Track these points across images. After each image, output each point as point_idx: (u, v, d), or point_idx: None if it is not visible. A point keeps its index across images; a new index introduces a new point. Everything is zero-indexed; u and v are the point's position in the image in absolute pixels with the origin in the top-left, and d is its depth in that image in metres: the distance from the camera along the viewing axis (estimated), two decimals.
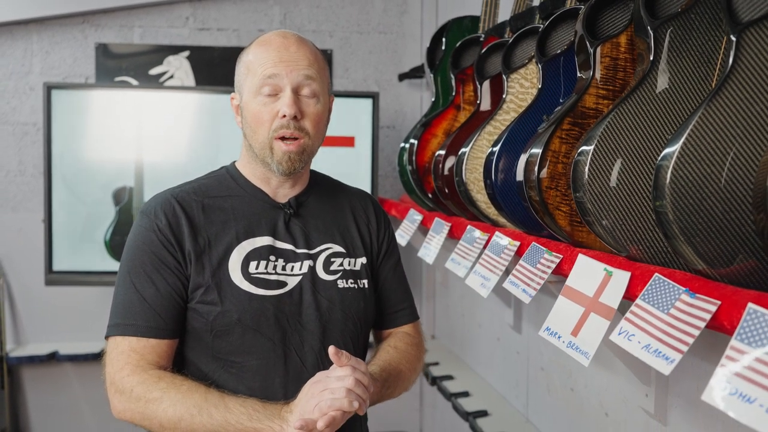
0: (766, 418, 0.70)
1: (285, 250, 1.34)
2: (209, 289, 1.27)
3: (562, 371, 1.98)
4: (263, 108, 1.29)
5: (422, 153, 2.03)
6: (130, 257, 1.30)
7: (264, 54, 1.30)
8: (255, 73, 1.30)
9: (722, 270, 0.90)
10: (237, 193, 1.37)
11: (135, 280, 1.27)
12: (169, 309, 1.27)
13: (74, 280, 2.87)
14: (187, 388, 1.21)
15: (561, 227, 1.26)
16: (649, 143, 1.07)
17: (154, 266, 1.27)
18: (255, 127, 1.31)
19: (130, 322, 1.26)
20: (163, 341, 1.27)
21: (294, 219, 1.37)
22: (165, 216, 1.29)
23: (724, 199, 0.88)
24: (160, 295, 1.26)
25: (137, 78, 3.17)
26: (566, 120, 1.23)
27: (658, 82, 1.08)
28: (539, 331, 1.19)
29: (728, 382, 0.76)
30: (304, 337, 1.31)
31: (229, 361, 1.29)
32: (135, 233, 1.32)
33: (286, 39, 1.31)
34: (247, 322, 1.27)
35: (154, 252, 1.28)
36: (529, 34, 1.61)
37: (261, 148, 1.31)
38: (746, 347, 0.76)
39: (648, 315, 0.94)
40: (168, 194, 1.35)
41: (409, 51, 3.35)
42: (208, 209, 1.33)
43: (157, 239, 1.28)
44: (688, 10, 1.05)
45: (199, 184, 1.39)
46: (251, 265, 1.30)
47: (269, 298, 1.29)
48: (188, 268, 1.28)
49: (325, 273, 1.36)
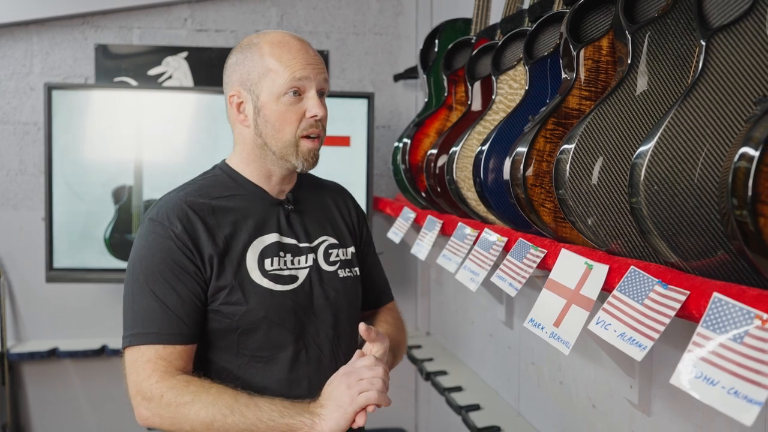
0: (726, 399, 0.75)
1: (290, 244, 1.39)
2: (233, 290, 1.30)
3: (552, 365, 2.03)
4: (290, 108, 1.32)
5: (415, 152, 2.08)
6: (146, 265, 1.29)
7: (289, 55, 1.32)
8: (279, 74, 1.32)
9: (694, 263, 0.95)
10: (238, 192, 1.39)
11: (154, 288, 1.28)
12: (190, 314, 1.28)
13: (74, 277, 2.90)
14: (216, 391, 1.24)
15: (546, 223, 1.31)
16: (627, 142, 1.12)
17: (173, 273, 1.28)
18: (280, 127, 1.33)
19: (154, 330, 1.26)
20: (187, 346, 1.29)
21: (293, 214, 1.43)
22: (179, 222, 1.30)
23: (695, 195, 0.93)
24: (182, 301, 1.28)
25: (136, 78, 3.21)
26: (550, 120, 1.28)
27: (637, 84, 1.13)
28: (524, 323, 1.24)
29: (694, 366, 0.81)
30: (319, 326, 1.39)
31: (255, 356, 1.33)
32: (148, 240, 1.31)
33: (302, 42, 1.36)
34: (272, 318, 1.32)
35: (173, 259, 1.28)
36: (517, 37, 1.66)
37: (284, 146, 1.35)
38: (711, 333, 0.81)
39: (624, 305, 0.99)
40: (176, 199, 1.35)
41: (405, 52, 3.40)
42: (218, 211, 1.35)
43: (175, 246, 1.29)
44: (665, 15, 1.10)
45: (200, 185, 1.40)
46: (266, 263, 1.34)
47: (287, 293, 1.35)
48: (208, 272, 1.30)
49: (327, 264, 1.43)
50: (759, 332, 0.76)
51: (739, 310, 0.79)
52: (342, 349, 1.43)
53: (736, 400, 0.74)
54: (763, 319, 0.76)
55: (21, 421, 3.25)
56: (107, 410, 3.30)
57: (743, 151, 0.75)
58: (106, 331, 3.21)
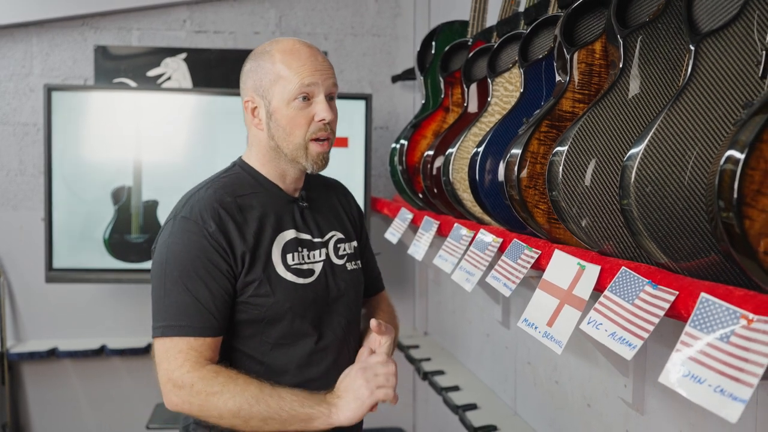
0: (713, 397, 0.77)
1: (306, 240, 1.48)
2: (262, 283, 1.39)
3: (548, 365, 2.04)
4: (300, 112, 1.40)
5: (412, 153, 2.09)
6: (181, 262, 1.36)
7: (298, 62, 1.40)
8: (289, 80, 1.39)
9: (684, 264, 0.97)
10: (258, 190, 1.47)
11: (188, 284, 1.35)
12: (220, 309, 1.36)
13: (74, 277, 2.92)
14: (243, 381, 1.33)
15: (540, 224, 1.32)
16: (619, 145, 1.14)
17: (207, 271, 1.35)
18: (290, 130, 1.41)
19: (186, 323, 1.34)
20: (216, 339, 1.37)
21: (306, 211, 1.52)
22: (213, 221, 1.37)
23: (685, 197, 0.95)
24: (213, 297, 1.35)
25: (135, 79, 3.23)
26: (544, 122, 1.30)
27: (629, 87, 1.15)
28: (518, 323, 1.25)
29: (682, 365, 0.83)
30: (333, 316, 1.49)
31: (278, 343, 1.43)
32: (182, 239, 1.37)
33: (312, 49, 1.43)
34: (296, 309, 1.42)
35: (207, 258, 1.35)
36: (513, 40, 1.68)
37: (295, 149, 1.42)
38: (699, 333, 0.83)
39: (614, 305, 1.00)
40: (207, 198, 1.41)
41: (402, 53, 3.41)
42: (244, 208, 1.42)
43: (210, 245, 1.36)
44: (655, 20, 1.11)
45: (223, 183, 1.46)
46: (288, 258, 1.43)
47: (308, 285, 1.45)
48: (239, 268, 1.38)
49: (337, 258, 1.53)
50: (745, 332, 0.77)
51: (726, 310, 0.81)
52: (352, 334, 1.54)
53: (722, 398, 0.76)
54: (748, 319, 0.78)
55: (21, 421, 3.27)
56: (107, 410, 3.31)
57: (729, 153, 0.77)
58: (105, 331, 3.22)
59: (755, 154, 0.75)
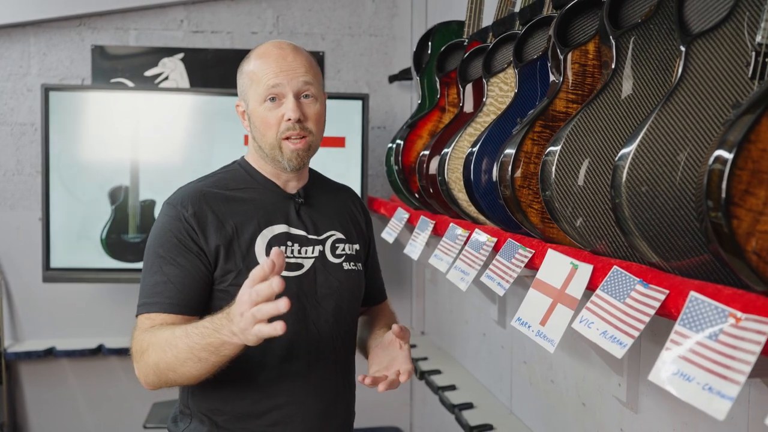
0: (701, 395, 0.78)
1: (299, 235, 1.50)
2: (241, 273, 1.41)
3: (543, 364, 2.05)
4: (269, 113, 1.44)
5: (408, 153, 2.10)
6: (156, 243, 1.42)
7: (265, 65, 1.44)
8: (259, 83, 1.44)
9: (675, 263, 0.98)
10: (253, 185, 1.51)
11: (161, 262, 1.40)
12: (191, 288, 1.39)
13: (71, 277, 2.92)
14: (161, 331, 1.31)
15: (533, 224, 1.33)
16: (612, 145, 1.15)
17: (177, 250, 1.40)
18: (264, 131, 1.46)
19: (155, 300, 1.38)
20: (183, 317, 1.38)
21: (303, 208, 1.54)
22: (192, 206, 1.42)
23: (676, 197, 0.95)
24: (182, 275, 1.39)
25: (133, 79, 3.23)
26: (538, 122, 1.31)
27: (622, 87, 1.16)
28: (511, 322, 1.26)
29: (672, 363, 0.83)
30: (320, 312, 1.49)
31: None
32: (161, 221, 1.44)
33: (283, 50, 1.46)
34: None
35: (178, 237, 1.40)
36: (508, 40, 1.68)
37: (271, 148, 1.46)
38: (688, 332, 0.84)
39: (606, 304, 1.01)
40: (194, 188, 1.48)
41: (399, 53, 3.42)
42: (231, 201, 1.47)
43: (182, 226, 1.41)
44: (648, 21, 1.12)
45: (218, 178, 1.53)
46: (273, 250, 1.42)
47: (291, 278, 1.45)
48: (213, 255, 1.41)
49: (333, 256, 1.54)
50: (733, 330, 0.78)
51: (715, 308, 0.82)
52: (341, 335, 1.52)
53: (710, 396, 0.76)
54: (737, 317, 0.78)
55: (18, 421, 3.27)
56: (104, 409, 3.32)
57: (717, 153, 0.78)
58: (102, 330, 3.23)
59: (743, 155, 0.76)
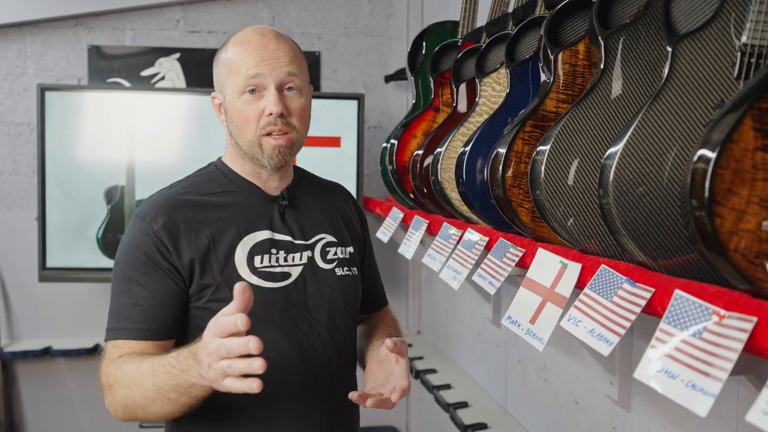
0: (685, 392, 0.78)
1: (284, 241, 1.37)
2: (220, 287, 1.28)
3: (537, 363, 2.06)
4: (248, 107, 1.31)
5: (402, 153, 2.11)
6: (124, 260, 1.29)
7: (245, 53, 1.31)
8: (237, 72, 1.31)
9: (662, 262, 0.98)
10: (230, 188, 1.39)
11: (128, 283, 1.27)
12: (162, 311, 1.26)
13: (67, 276, 2.93)
14: (129, 365, 1.19)
15: (524, 223, 1.34)
16: (601, 145, 1.15)
17: (146, 268, 1.27)
18: (242, 126, 1.33)
19: (123, 325, 1.26)
20: (155, 343, 1.26)
21: (288, 210, 1.41)
22: (161, 217, 1.29)
23: (663, 196, 0.96)
24: (151, 297, 1.26)
25: (129, 79, 3.24)
26: (528, 122, 1.31)
27: (611, 87, 1.16)
28: (501, 320, 1.27)
29: (657, 361, 0.84)
30: (312, 324, 1.36)
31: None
32: (130, 236, 1.31)
33: (265, 36, 1.33)
34: (260, 314, 1.26)
35: (147, 254, 1.27)
36: (500, 40, 1.69)
37: (250, 145, 1.33)
38: (673, 329, 0.85)
39: (594, 302, 1.02)
40: (164, 196, 1.35)
41: (395, 53, 3.43)
42: (206, 207, 1.34)
43: (152, 242, 1.28)
44: (636, 21, 1.13)
45: (192, 182, 1.40)
46: (256, 260, 1.33)
47: (277, 290, 1.33)
48: (187, 271, 1.28)
49: (323, 262, 1.41)
50: (716, 327, 0.79)
51: (699, 306, 0.82)
52: (336, 348, 1.39)
53: (693, 393, 0.77)
54: (720, 315, 0.79)
55: (15, 420, 3.27)
56: (100, 408, 3.27)
57: (701, 153, 0.78)
58: (99, 329, 3.18)
59: (726, 154, 0.77)
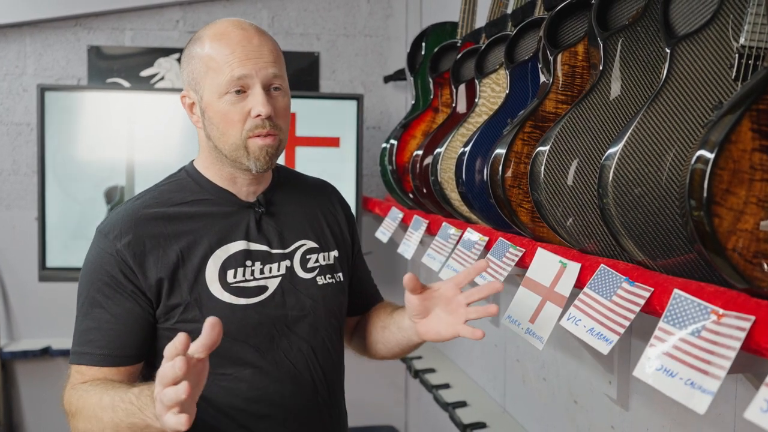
0: (683, 390, 0.79)
1: (260, 251, 1.28)
2: (189, 306, 1.20)
3: (536, 362, 2.07)
4: (232, 108, 1.20)
5: (402, 153, 2.12)
6: (87, 281, 1.22)
7: (226, 50, 1.19)
8: (219, 71, 1.19)
9: (661, 261, 0.99)
10: (202, 197, 1.28)
11: (90, 304, 1.20)
12: (126, 335, 1.19)
13: (67, 276, 2.93)
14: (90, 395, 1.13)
15: (524, 223, 1.35)
16: (600, 145, 1.16)
17: (109, 290, 1.19)
18: (224, 128, 1.22)
19: (85, 350, 1.19)
20: (120, 369, 1.20)
21: (265, 218, 1.31)
22: (125, 235, 1.20)
23: (662, 196, 0.97)
24: (113, 321, 1.18)
25: (128, 79, 3.24)
26: (528, 123, 1.32)
27: (610, 88, 1.17)
28: (501, 319, 1.28)
29: (656, 359, 0.85)
30: (292, 339, 1.27)
31: (219, 374, 1.21)
32: (93, 254, 1.22)
33: (246, 31, 1.22)
34: (233, 334, 1.20)
35: (110, 275, 1.19)
36: (500, 41, 1.70)
37: (233, 148, 1.23)
38: (672, 328, 0.85)
39: (593, 301, 1.03)
40: (129, 209, 1.25)
41: (394, 54, 3.44)
42: (175, 219, 1.24)
43: (115, 262, 1.19)
44: (635, 23, 1.14)
45: (160, 191, 1.30)
46: (228, 275, 1.23)
47: (252, 306, 1.24)
48: (154, 291, 1.20)
49: (303, 271, 1.32)
50: (714, 326, 0.80)
51: (698, 305, 0.83)
52: (319, 362, 1.31)
53: (692, 391, 0.78)
54: (718, 314, 0.80)
55: (14, 419, 3.28)
56: None
57: (699, 153, 0.79)
58: None
59: (724, 155, 0.78)
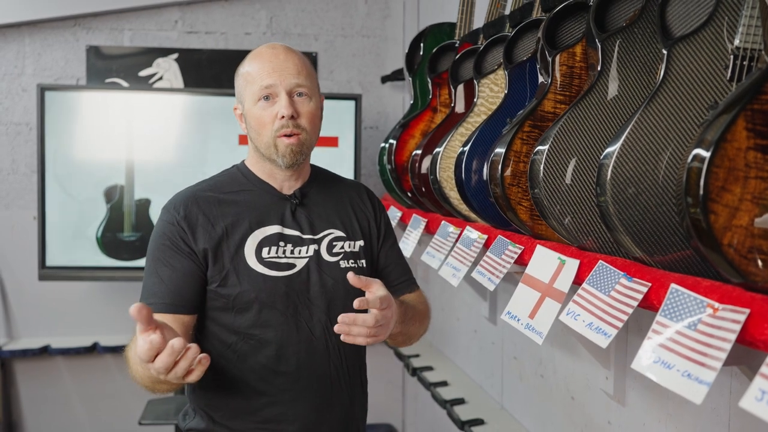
0: (680, 381, 0.82)
1: (292, 236, 1.51)
2: (229, 273, 1.45)
3: (533, 359, 2.09)
4: (264, 112, 1.47)
5: (400, 153, 2.14)
6: (153, 246, 1.48)
7: (258, 66, 1.48)
8: (253, 83, 1.48)
9: (658, 257, 1.02)
10: (248, 188, 1.54)
11: (156, 265, 1.45)
12: (185, 287, 1.44)
13: (66, 275, 2.95)
14: None
15: (523, 221, 1.37)
16: (598, 144, 1.19)
17: (171, 252, 1.45)
18: (259, 130, 1.48)
19: (150, 301, 1.42)
20: (178, 316, 1.42)
21: (299, 208, 1.55)
22: (183, 210, 1.48)
23: (659, 194, 0.99)
24: (175, 276, 1.43)
25: (127, 79, 3.25)
26: (527, 122, 1.35)
27: (608, 88, 1.20)
28: (500, 315, 1.30)
29: (653, 352, 0.88)
30: (312, 311, 1.50)
31: (248, 334, 1.46)
32: (158, 226, 1.50)
33: (275, 49, 1.51)
34: (263, 299, 1.45)
35: (171, 240, 1.46)
36: (498, 42, 1.72)
37: (266, 147, 1.48)
38: (669, 322, 0.88)
39: (592, 297, 1.05)
40: (189, 192, 1.53)
41: (392, 54, 3.46)
42: (224, 203, 1.51)
43: (174, 229, 1.46)
44: (632, 24, 1.16)
45: (215, 181, 1.57)
46: (264, 251, 1.48)
47: (281, 278, 1.47)
48: (201, 255, 1.45)
49: (329, 255, 1.54)
50: (710, 320, 0.82)
51: (694, 299, 0.86)
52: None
53: (688, 382, 0.80)
54: (714, 308, 0.82)
55: (13, 418, 3.29)
56: (99, 407, 3.34)
57: (696, 152, 0.82)
58: (97, 328, 3.25)
59: (720, 153, 0.80)
